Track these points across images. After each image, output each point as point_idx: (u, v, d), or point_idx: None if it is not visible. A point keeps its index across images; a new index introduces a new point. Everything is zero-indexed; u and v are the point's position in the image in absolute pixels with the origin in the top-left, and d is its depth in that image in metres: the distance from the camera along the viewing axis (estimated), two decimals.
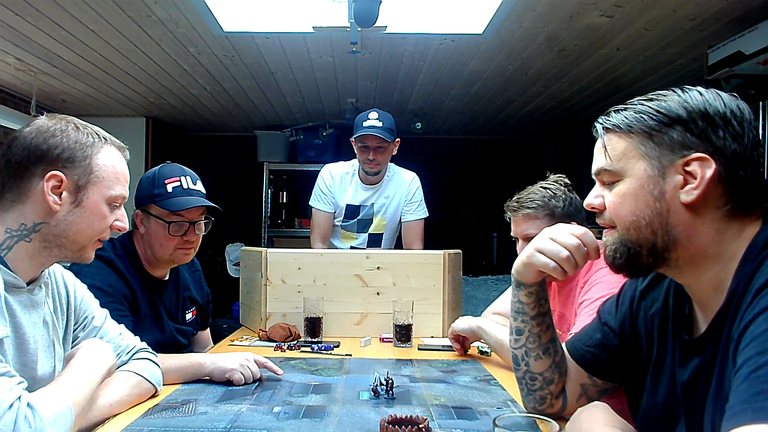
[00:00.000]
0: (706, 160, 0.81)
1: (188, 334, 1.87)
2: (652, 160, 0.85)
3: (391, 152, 2.69)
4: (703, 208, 0.83)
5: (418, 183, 2.82)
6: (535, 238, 1.07)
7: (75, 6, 2.52)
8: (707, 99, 0.84)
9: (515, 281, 1.12)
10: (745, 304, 0.75)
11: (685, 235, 0.84)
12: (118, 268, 1.60)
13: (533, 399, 1.15)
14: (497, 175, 5.48)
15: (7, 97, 3.93)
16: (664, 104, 0.86)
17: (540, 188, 1.70)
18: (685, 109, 0.84)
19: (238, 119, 4.97)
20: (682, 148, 0.83)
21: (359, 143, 2.62)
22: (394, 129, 2.63)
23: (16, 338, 1.03)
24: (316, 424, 1.13)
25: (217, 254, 5.14)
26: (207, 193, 1.76)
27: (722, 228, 0.83)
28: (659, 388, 0.94)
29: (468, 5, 2.55)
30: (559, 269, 1.01)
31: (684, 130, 0.83)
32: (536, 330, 1.12)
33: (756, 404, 0.62)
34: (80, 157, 1.08)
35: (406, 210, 2.79)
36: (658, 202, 0.84)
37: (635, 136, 0.87)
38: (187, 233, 1.68)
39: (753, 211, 0.83)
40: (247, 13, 2.65)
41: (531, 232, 1.67)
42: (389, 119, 2.62)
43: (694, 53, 3.04)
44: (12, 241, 1.04)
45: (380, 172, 2.70)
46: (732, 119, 0.82)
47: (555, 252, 1.01)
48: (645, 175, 0.86)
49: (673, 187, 0.84)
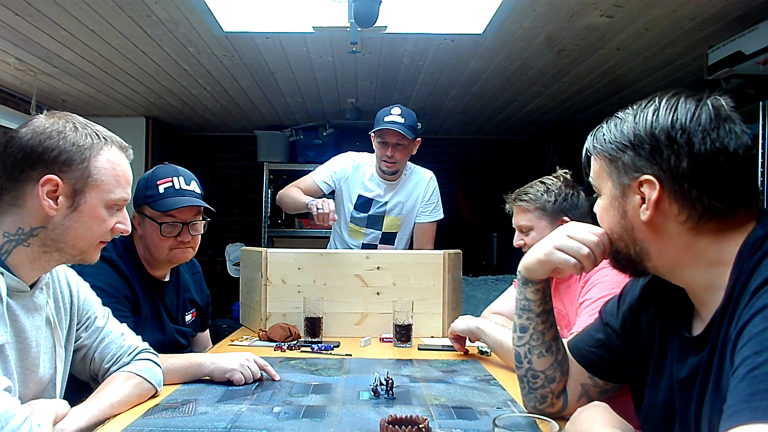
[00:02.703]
0: (651, 183, 0.84)
1: (188, 336, 1.87)
2: (614, 182, 0.91)
3: (411, 151, 2.60)
4: (663, 224, 0.85)
5: (435, 183, 2.73)
6: (552, 236, 1.08)
7: (75, 6, 2.52)
8: (658, 117, 0.85)
9: (523, 278, 1.14)
10: (742, 303, 0.75)
11: (655, 248, 0.88)
12: (119, 269, 1.60)
13: (534, 398, 1.15)
14: (497, 175, 5.48)
15: (7, 97, 3.93)
16: (621, 128, 0.90)
17: (538, 182, 1.74)
18: (634, 134, 0.87)
19: (238, 119, 4.97)
20: (633, 171, 0.87)
21: (378, 138, 2.52)
22: (416, 127, 2.55)
23: (18, 342, 1.03)
24: (316, 424, 1.13)
25: (217, 254, 5.14)
26: (207, 193, 1.76)
27: (692, 240, 0.84)
28: (660, 385, 0.94)
29: (468, 5, 2.55)
30: (579, 266, 1.03)
31: (634, 154, 0.87)
32: (540, 327, 1.13)
33: (753, 404, 0.62)
34: (78, 160, 1.03)
35: (422, 211, 2.70)
36: (623, 219, 0.90)
37: (601, 159, 0.93)
38: (181, 233, 1.67)
39: (730, 217, 0.82)
40: (247, 13, 2.65)
41: (522, 224, 1.73)
42: (412, 117, 2.53)
43: (694, 53, 3.04)
44: (11, 245, 1.02)
45: (398, 171, 2.61)
46: (678, 136, 0.82)
47: (575, 249, 1.02)
48: (611, 195, 0.92)
49: (632, 206, 0.88)
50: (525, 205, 1.72)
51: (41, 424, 0.93)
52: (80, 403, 1.12)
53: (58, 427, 1.01)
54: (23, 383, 1.04)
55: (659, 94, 0.89)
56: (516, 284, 1.20)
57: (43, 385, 1.10)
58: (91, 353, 1.26)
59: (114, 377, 1.23)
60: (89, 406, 1.11)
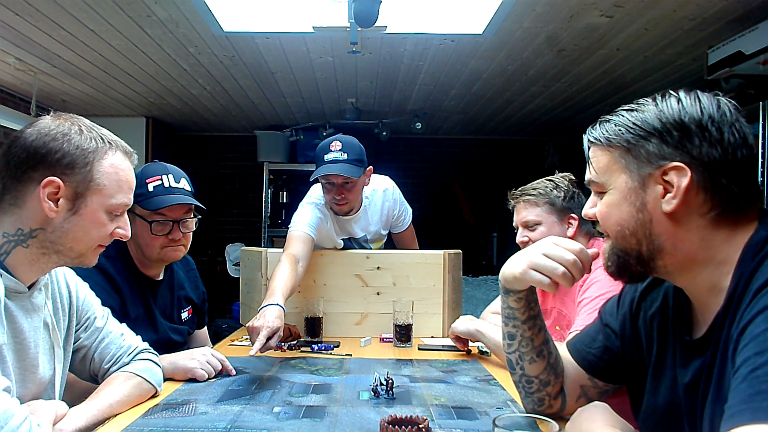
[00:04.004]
0: (681, 170, 0.82)
1: (184, 333, 1.86)
2: (632, 173, 0.87)
3: (362, 185, 2.23)
4: (685, 216, 0.83)
5: (395, 190, 2.47)
6: (527, 252, 1.05)
7: (75, 6, 2.52)
8: (684, 106, 0.84)
9: (503, 288, 1.11)
10: (744, 304, 0.75)
11: (670, 244, 0.85)
12: (107, 272, 1.59)
13: (532, 401, 1.15)
14: (497, 175, 5.48)
15: (7, 97, 3.93)
16: (641, 116, 0.86)
17: (545, 180, 1.74)
18: (660, 120, 0.84)
19: (238, 119, 4.97)
20: (659, 159, 0.84)
21: (323, 179, 2.15)
22: (364, 158, 2.17)
23: (16, 344, 1.03)
24: (316, 424, 1.13)
25: (217, 254, 5.14)
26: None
27: (709, 234, 0.83)
28: (660, 389, 0.94)
29: (468, 5, 2.55)
30: (554, 285, 1.01)
31: (660, 141, 0.84)
32: (528, 334, 1.11)
33: (754, 404, 0.62)
34: (81, 164, 1.03)
35: (395, 224, 2.54)
36: (641, 212, 0.86)
37: (615, 150, 0.89)
38: (172, 232, 1.66)
39: (743, 214, 0.82)
40: (247, 13, 2.65)
41: (530, 219, 1.71)
42: (356, 149, 2.14)
43: (694, 53, 3.04)
44: (9, 246, 1.02)
45: (352, 209, 2.26)
46: (708, 125, 0.82)
47: (550, 269, 1.00)
48: (626, 188, 0.87)
49: (654, 197, 0.85)
50: (534, 200, 1.70)
51: (41, 424, 0.93)
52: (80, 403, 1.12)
53: (57, 428, 1.01)
54: (22, 384, 1.04)
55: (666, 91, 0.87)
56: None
57: (42, 386, 1.10)
58: (91, 353, 1.26)
59: (114, 377, 1.23)
60: (89, 406, 1.11)
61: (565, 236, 1.67)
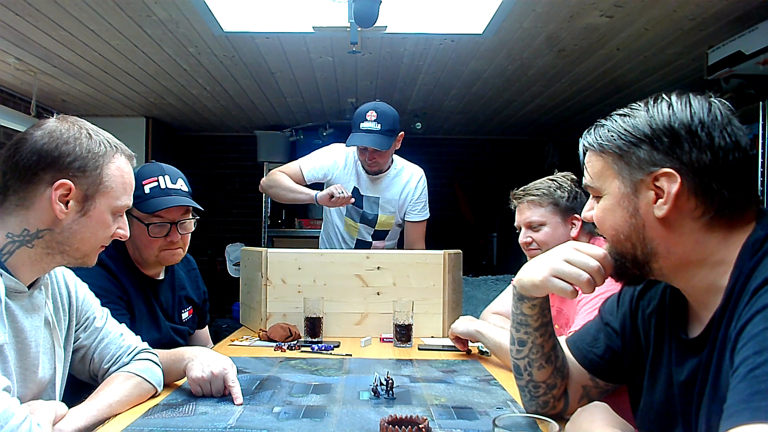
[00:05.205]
0: (671, 176, 0.82)
1: (185, 334, 1.86)
2: (624, 179, 0.88)
3: (393, 151, 2.55)
4: (678, 221, 0.84)
5: (425, 182, 2.70)
6: (546, 258, 1.02)
7: (75, 6, 2.52)
8: (674, 112, 0.84)
9: (517, 294, 1.09)
10: (742, 304, 0.75)
11: (664, 247, 0.86)
12: (110, 270, 1.59)
13: (536, 404, 1.15)
14: (497, 175, 5.48)
15: (7, 97, 3.93)
16: (632, 122, 0.87)
17: (547, 179, 1.73)
18: (651, 127, 0.85)
19: (238, 119, 4.97)
20: (649, 165, 0.84)
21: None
22: (397, 127, 2.46)
23: (17, 343, 1.03)
24: (316, 424, 1.13)
25: (217, 254, 5.14)
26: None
27: (703, 237, 0.83)
28: (656, 387, 0.94)
29: (468, 5, 2.55)
30: (575, 292, 0.99)
31: (650, 148, 0.85)
32: (539, 341, 1.10)
33: (754, 404, 0.62)
34: (91, 167, 1.06)
35: (411, 209, 2.68)
36: (634, 217, 0.87)
37: (608, 156, 0.90)
38: (170, 233, 1.64)
39: (740, 215, 0.82)
40: (247, 13, 2.65)
41: (534, 219, 1.69)
42: (389, 118, 2.43)
43: (694, 53, 3.04)
44: (14, 246, 1.03)
45: (381, 170, 2.60)
46: (698, 130, 0.82)
47: (575, 276, 0.97)
48: (620, 193, 0.88)
49: (646, 203, 0.86)
50: (537, 200, 1.69)
51: (41, 424, 0.93)
52: (79, 403, 1.12)
53: (57, 428, 1.01)
54: (23, 384, 1.04)
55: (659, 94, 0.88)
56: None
57: (42, 386, 1.10)
58: (91, 353, 1.26)
59: (113, 377, 1.23)
60: (88, 406, 1.11)
61: (568, 237, 1.67)
